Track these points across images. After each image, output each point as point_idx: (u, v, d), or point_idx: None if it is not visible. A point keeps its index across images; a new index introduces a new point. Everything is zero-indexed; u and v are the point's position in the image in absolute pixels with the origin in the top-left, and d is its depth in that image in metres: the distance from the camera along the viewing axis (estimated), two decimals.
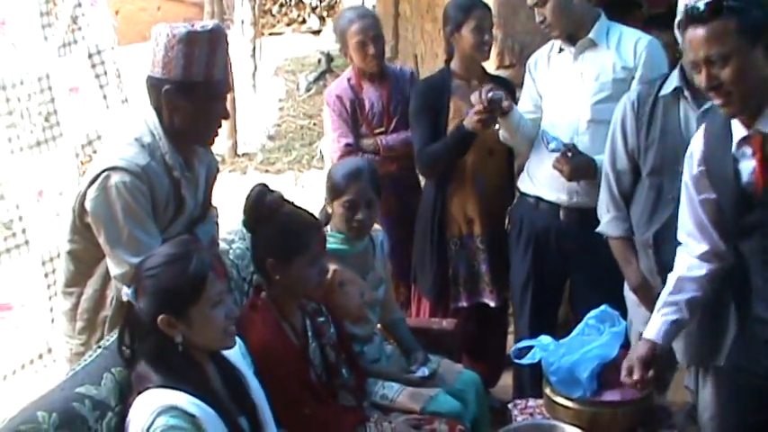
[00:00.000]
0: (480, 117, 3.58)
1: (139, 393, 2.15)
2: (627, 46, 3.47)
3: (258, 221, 2.84)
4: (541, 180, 3.62)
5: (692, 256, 2.66)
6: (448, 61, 3.95)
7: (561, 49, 3.62)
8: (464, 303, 3.95)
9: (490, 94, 3.53)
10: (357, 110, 4.20)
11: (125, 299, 2.23)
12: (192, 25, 2.68)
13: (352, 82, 4.24)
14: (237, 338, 2.40)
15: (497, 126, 3.69)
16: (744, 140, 2.39)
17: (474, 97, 3.59)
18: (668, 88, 2.99)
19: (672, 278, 2.71)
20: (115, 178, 2.54)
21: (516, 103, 3.69)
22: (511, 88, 3.89)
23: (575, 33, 3.53)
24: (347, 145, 4.14)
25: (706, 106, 2.87)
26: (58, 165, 4.09)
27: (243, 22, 11.59)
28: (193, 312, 2.21)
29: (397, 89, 4.23)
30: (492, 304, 3.94)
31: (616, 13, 3.71)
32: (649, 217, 3.07)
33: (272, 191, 2.86)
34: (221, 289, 2.27)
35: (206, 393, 2.19)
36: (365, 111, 4.20)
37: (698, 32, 2.30)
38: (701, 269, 2.65)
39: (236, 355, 2.43)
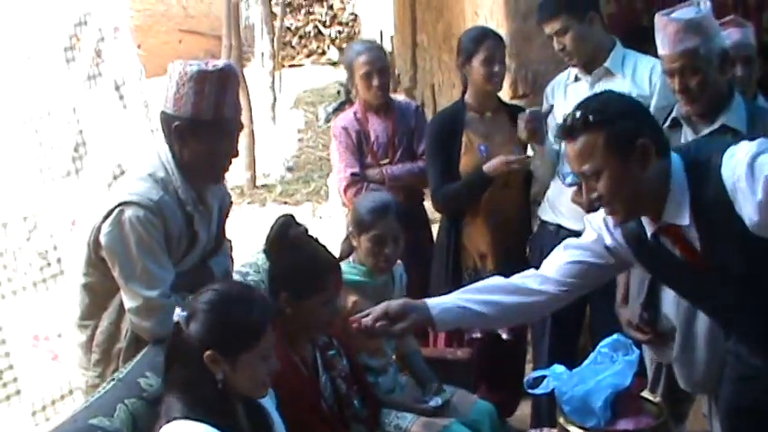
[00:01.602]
0: (510, 167, 3.65)
1: (165, 423, 2.13)
2: (642, 74, 3.50)
3: (279, 252, 2.86)
4: (562, 210, 3.64)
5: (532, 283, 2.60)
6: (464, 93, 3.98)
7: (577, 78, 3.65)
8: (478, 334, 3.94)
9: (530, 111, 3.59)
10: (363, 141, 4.25)
11: (175, 320, 2.22)
12: (206, 63, 2.72)
13: (359, 115, 4.30)
14: None
15: (531, 154, 3.71)
16: (658, 232, 2.33)
17: (501, 159, 3.68)
18: (668, 121, 3.03)
19: (499, 279, 2.66)
20: (129, 213, 2.58)
21: None
22: None
23: (591, 62, 3.57)
24: (353, 174, 4.19)
25: (704, 132, 2.91)
26: (89, 195, 4.16)
27: (263, 54, 11.72)
28: (242, 358, 2.18)
29: (403, 122, 4.27)
30: (504, 336, 3.93)
31: (635, 41, 3.72)
32: None
33: (298, 224, 2.89)
34: (272, 343, 2.25)
35: (232, 430, 2.17)
36: (370, 142, 4.26)
37: (569, 148, 2.27)
38: (529, 296, 2.59)
39: None
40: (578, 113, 2.23)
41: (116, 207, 2.60)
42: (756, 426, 2.56)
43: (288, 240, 2.83)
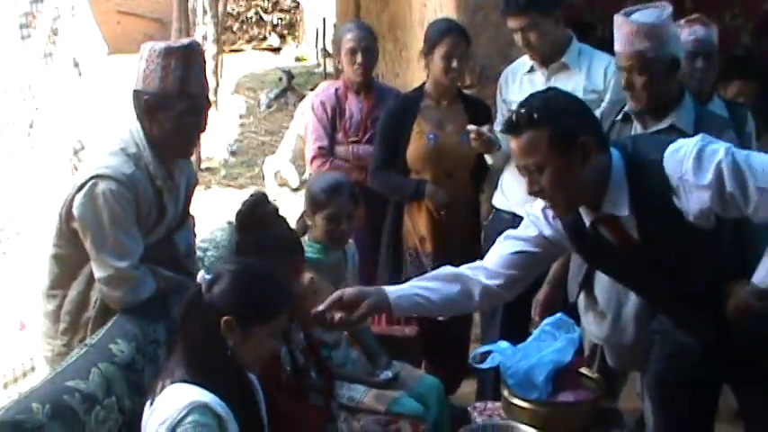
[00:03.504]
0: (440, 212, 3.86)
1: (168, 384, 2.20)
2: (597, 70, 3.64)
3: (247, 228, 2.97)
4: (515, 197, 3.76)
5: (483, 278, 2.68)
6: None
7: (532, 69, 3.77)
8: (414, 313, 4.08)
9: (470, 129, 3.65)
10: (337, 117, 4.42)
11: (198, 280, 2.29)
12: (174, 42, 2.85)
13: (340, 91, 4.47)
14: None
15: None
16: (595, 222, 2.46)
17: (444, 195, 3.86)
18: (620, 115, 3.20)
19: (451, 269, 2.72)
20: (102, 186, 2.66)
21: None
22: (487, 109, 4.06)
23: (550, 56, 3.70)
24: (320, 148, 4.38)
25: (652, 129, 3.08)
26: (46, 170, 4.21)
27: (205, 38, 11.68)
28: (256, 331, 2.25)
29: (380, 104, 4.40)
30: (440, 318, 4.05)
31: (576, 36, 3.86)
32: None
33: (269, 203, 3.01)
34: (284, 326, 2.34)
35: (230, 398, 2.23)
36: (344, 119, 4.41)
37: (514, 143, 2.38)
38: (484, 282, 2.67)
39: None
40: (523, 110, 2.34)
41: (89, 180, 2.67)
42: (681, 396, 2.76)
43: (256, 217, 2.94)
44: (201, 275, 2.29)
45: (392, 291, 2.60)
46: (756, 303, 2.31)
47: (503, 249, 2.68)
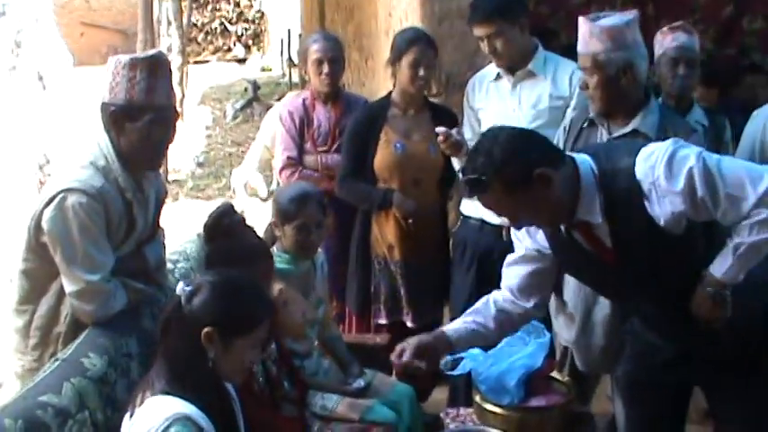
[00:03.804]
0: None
1: (149, 396, 2.19)
2: (562, 77, 3.69)
3: (215, 238, 2.99)
4: None
5: (514, 306, 2.81)
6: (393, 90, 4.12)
7: (499, 76, 3.81)
8: (383, 321, 4.13)
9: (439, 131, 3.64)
10: (305, 127, 4.44)
11: (177, 292, 2.28)
12: (140, 53, 2.84)
13: (307, 102, 4.48)
14: None
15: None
16: (569, 227, 2.52)
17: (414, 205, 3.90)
18: (586, 122, 3.25)
19: (488, 297, 2.85)
20: (72, 199, 2.65)
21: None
22: (453, 117, 4.07)
23: (517, 63, 3.74)
24: (289, 158, 4.41)
25: (617, 133, 3.12)
26: (10, 186, 4.18)
27: (170, 49, 11.65)
28: (236, 342, 2.24)
29: (348, 113, 4.41)
30: (410, 325, 4.10)
31: (540, 43, 3.91)
32: None
33: (236, 213, 3.03)
34: (264, 336, 2.34)
35: (211, 410, 2.22)
36: (312, 129, 4.43)
37: (480, 201, 2.46)
38: (516, 310, 2.81)
39: None
40: (471, 176, 2.38)
41: (58, 193, 2.66)
42: (652, 396, 2.80)
43: (224, 228, 2.94)
44: (181, 287, 2.28)
45: (449, 329, 2.79)
46: (711, 291, 2.37)
47: (515, 274, 2.78)
